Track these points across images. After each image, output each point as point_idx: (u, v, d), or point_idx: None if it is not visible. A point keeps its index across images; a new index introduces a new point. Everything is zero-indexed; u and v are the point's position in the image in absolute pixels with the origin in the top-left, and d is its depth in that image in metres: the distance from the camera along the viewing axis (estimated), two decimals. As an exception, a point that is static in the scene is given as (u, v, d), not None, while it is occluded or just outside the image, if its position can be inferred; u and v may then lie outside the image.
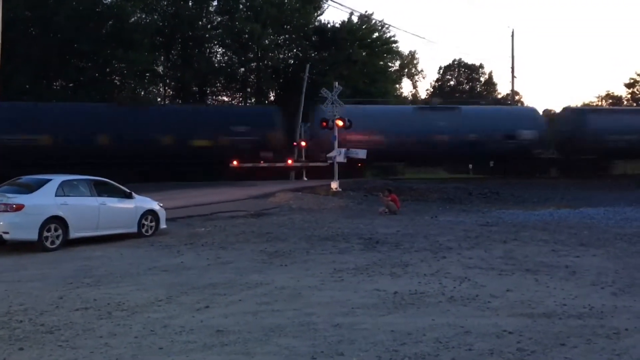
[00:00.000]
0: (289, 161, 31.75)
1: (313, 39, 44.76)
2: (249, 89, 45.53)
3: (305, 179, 30.83)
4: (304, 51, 44.83)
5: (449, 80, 75.93)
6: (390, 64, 52.14)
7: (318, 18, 46.79)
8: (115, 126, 28.87)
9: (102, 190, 13.34)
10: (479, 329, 6.30)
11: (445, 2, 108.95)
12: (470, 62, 73.18)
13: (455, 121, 33.80)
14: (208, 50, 44.54)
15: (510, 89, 51.68)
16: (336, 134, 24.52)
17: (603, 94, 70.69)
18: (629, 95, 66.03)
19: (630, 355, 5.57)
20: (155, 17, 41.98)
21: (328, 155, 25.21)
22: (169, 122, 30.35)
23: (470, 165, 39.68)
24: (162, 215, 14.33)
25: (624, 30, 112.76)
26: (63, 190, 12.43)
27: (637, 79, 64.97)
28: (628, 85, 65.84)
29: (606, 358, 5.50)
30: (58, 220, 12.01)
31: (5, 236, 11.51)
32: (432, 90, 74.37)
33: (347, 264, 10.14)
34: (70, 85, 38.89)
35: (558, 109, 44.97)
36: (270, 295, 7.88)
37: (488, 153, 34.50)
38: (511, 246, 12.10)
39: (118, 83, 40.68)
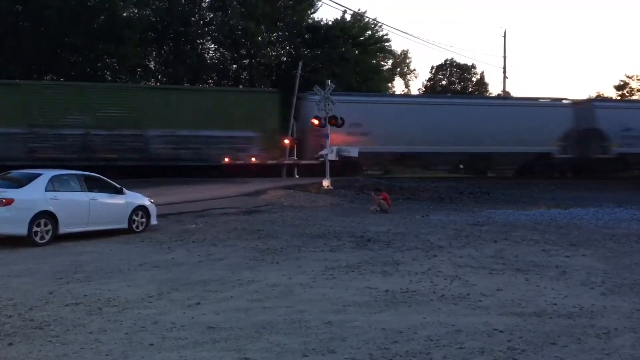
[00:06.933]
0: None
1: (306, 36, 44.68)
2: (241, 86, 45.39)
3: (296, 176, 30.75)
4: (296, 48, 44.77)
5: (441, 79, 76.06)
6: (382, 63, 52.14)
7: (311, 16, 46.81)
8: None
9: (92, 185, 13.27)
10: (470, 327, 6.33)
11: (438, 2, 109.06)
12: (462, 62, 73.33)
13: None
14: (200, 46, 44.37)
15: (502, 89, 51.73)
16: (328, 132, 24.49)
17: (594, 95, 71.06)
18: (619, 97, 66.34)
19: (619, 354, 5.61)
20: (148, 12, 41.74)
21: (320, 153, 25.17)
22: None
23: None
24: (153, 211, 14.28)
25: (615, 32, 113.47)
26: (53, 185, 12.35)
27: (627, 81, 65.31)
28: (618, 88, 66.14)
29: (596, 357, 5.54)
30: (48, 215, 11.93)
31: (-6, 231, 11.41)
32: (424, 89, 74.49)
33: (339, 261, 10.15)
34: (62, 79, 38.57)
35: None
36: (261, 292, 7.87)
37: None
38: (502, 245, 12.15)
39: (109, 78, 40.41)
